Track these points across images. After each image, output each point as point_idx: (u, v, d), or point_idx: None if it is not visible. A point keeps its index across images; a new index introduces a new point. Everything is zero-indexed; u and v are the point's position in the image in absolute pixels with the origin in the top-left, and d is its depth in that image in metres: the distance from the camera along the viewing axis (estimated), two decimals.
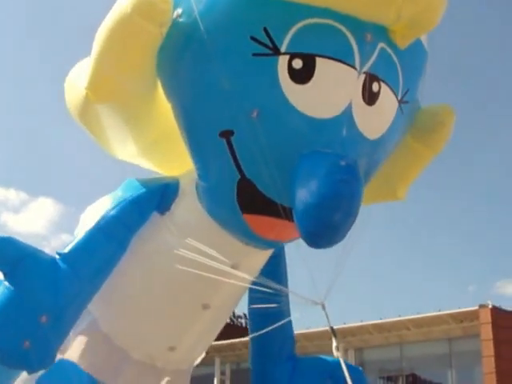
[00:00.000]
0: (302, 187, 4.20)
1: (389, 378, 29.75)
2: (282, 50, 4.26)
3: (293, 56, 4.27)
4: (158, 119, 5.11)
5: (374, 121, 4.64)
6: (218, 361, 32.56)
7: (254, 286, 5.10)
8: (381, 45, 4.45)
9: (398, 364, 28.87)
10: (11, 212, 62.13)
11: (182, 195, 5.37)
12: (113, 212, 5.24)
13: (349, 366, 5.59)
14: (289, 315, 6.00)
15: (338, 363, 5.64)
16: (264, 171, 4.38)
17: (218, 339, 6.51)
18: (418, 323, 27.36)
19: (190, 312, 5.62)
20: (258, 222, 4.75)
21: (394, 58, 4.56)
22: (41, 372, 5.03)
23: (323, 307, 4.58)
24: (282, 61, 4.28)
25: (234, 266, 5.06)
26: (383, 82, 4.55)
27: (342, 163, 4.18)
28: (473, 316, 26.22)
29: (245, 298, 6.04)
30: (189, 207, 5.29)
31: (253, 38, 4.29)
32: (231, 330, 20.91)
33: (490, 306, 25.85)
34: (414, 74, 4.88)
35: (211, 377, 32.59)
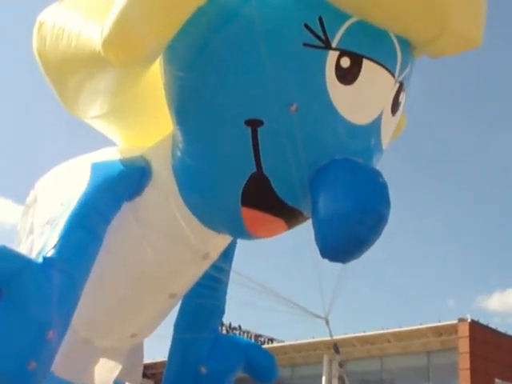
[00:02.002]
0: (333, 195, 3.95)
1: None
2: (333, 44, 3.99)
3: (342, 53, 4.00)
4: (138, 84, 4.61)
5: (391, 131, 4.54)
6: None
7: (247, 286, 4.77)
8: (414, 55, 4.36)
9: (379, 375, 29.62)
10: None
11: (156, 178, 4.97)
12: (89, 203, 4.84)
13: (263, 354, 6.21)
14: (225, 287, 5.93)
15: (249, 345, 6.34)
16: (285, 169, 4.10)
17: None
18: (399, 336, 28.18)
19: (158, 301, 5.54)
20: (253, 217, 4.46)
21: (411, 69, 4.48)
22: None
23: (327, 322, 4.52)
24: (332, 56, 4.00)
25: (205, 256, 5.09)
26: (404, 92, 4.45)
27: (381, 180, 4.00)
28: (452, 330, 27.03)
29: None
30: (163, 193, 4.91)
31: (306, 26, 3.97)
32: None
33: (469, 320, 26.58)
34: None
35: None
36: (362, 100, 4.16)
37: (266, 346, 29.33)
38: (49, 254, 4.59)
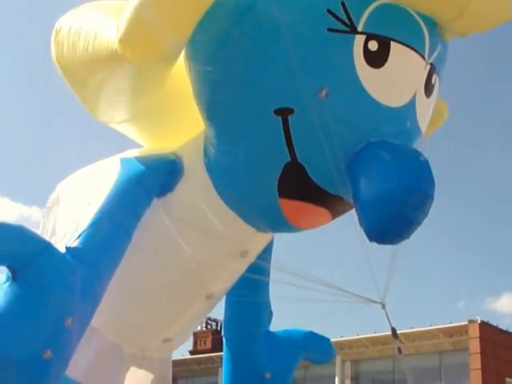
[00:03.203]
0: (373, 178, 3.89)
1: None
2: (359, 28, 3.99)
3: (369, 37, 3.99)
4: (163, 85, 4.56)
5: (428, 114, 4.49)
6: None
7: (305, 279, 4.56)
8: (444, 37, 4.35)
9: (391, 375, 29.77)
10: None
11: (188, 175, 4.85)
12: (118, 196, 4.69)
13: (318, 337, 6.05)
14: (267, 284, 5.72)
15: (307, 335, 5.99)
16: (320, 156, 4.03)
17: None
18: (411, 337, 28.36)
19: (194, 302, 5.27)
20: (293, 209, 4.39)
21: (443, 51, 4.44)
22: None
23: (383, 306, 4.38)
24: (359, 40, 3.99)
25: (243, 254, 4.90)
26: (437, 74, 4.41)
27: (422, 159, 3.93)
28: (462, 331, 27.43)
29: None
30: (196, 189, 4.79)
31: (329, 12, 3.97)
32: None
33: (479, 321, 26.98)
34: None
35: None
36: (393, 82, 4.13)
37: None
38: (72, 245, 4.42)
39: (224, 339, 5.89)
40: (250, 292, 5.40)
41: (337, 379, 30.15)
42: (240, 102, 4.24)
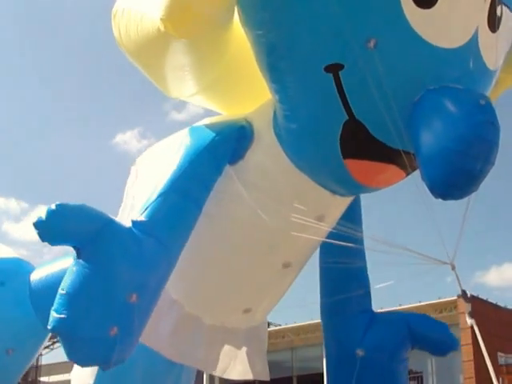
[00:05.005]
0: (432, 128, 3.68)
1: None
2: None
3: None
4: (224, 54, 4.55)
5: (500, 50, 4.21)
6: None
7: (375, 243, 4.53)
8: None
9: None
10: (12, 221, 62.13)
11: (258, 140, 4.82)
12: (186, 167, 4.62)
13: (432, 325, 5.73)
14: (364, 265, 5.60)
15: (410, 317, 5.64)
16: (378, 111, 3.85)
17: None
18: None
19: (271, 271, 5.21)
20: (361, 168, 4.28)
21: None
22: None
23: (453, 267, 4.27)
24: None
25: (319, 218, 4.71)
26: (504, 5, 4.16)
27: (482, 102, 3.69)
28: (452, 306, 27.23)
29: None
30: (267, 154, 4.76)
31: None
32: None
33: (469, 295, 26.81)
34: None
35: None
36: (447, 21, 3.87)
37: None
38: (138, 218, 4.37)
39: (320, 309, 5.85)
40: (345, 259, 5.22)
41: (325, 361, 29.52)
42: (292, 64, 4.17)
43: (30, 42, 58.21)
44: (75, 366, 5.59)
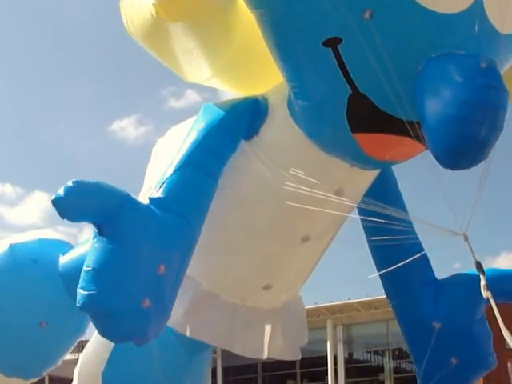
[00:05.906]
0: (434, 96, 3.56)
1: (375, 352, 30.51)
2: None
3: None
4: (233, 37, 4.50)
5: (507, 11, 3.94)
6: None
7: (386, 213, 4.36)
8: None
9: (385, 339, 29.43)
10: (8, 206, 62.29)
11: (272, 115, 4.75)
12: (201, 141, 4.61)
13: (503, 274, 5.24)
14: (416, 238, 5.22)
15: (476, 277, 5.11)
16: (381, 82, 3.73)
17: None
18: None
19: (289, 246, 5.06)
20: (371, 142, 4.19)
21: None
22: None
23: (465, 238, 4.02)
24: None
25: (337, 192, 4.59)
26: None
27: (483, 65, 3.53)
28: None
29: None
30: (282, 129, 4.69)
31: None
32: None
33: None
34: None
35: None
36: None
37: None
38: (155, 195, 4.38)
39: (384, 290, 5.72)
40: (401, 252, 5.02)
41: (328, 344, 29.39)
42: (292, 41, 4.12)
43: (28, 27, 57.68)
44: (84, 351, 5.51)
